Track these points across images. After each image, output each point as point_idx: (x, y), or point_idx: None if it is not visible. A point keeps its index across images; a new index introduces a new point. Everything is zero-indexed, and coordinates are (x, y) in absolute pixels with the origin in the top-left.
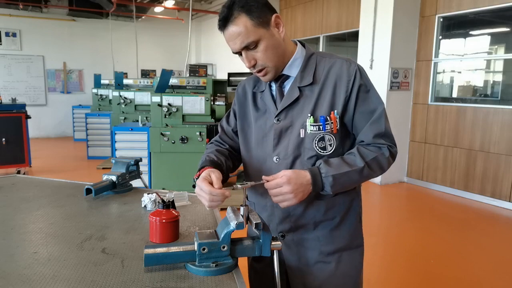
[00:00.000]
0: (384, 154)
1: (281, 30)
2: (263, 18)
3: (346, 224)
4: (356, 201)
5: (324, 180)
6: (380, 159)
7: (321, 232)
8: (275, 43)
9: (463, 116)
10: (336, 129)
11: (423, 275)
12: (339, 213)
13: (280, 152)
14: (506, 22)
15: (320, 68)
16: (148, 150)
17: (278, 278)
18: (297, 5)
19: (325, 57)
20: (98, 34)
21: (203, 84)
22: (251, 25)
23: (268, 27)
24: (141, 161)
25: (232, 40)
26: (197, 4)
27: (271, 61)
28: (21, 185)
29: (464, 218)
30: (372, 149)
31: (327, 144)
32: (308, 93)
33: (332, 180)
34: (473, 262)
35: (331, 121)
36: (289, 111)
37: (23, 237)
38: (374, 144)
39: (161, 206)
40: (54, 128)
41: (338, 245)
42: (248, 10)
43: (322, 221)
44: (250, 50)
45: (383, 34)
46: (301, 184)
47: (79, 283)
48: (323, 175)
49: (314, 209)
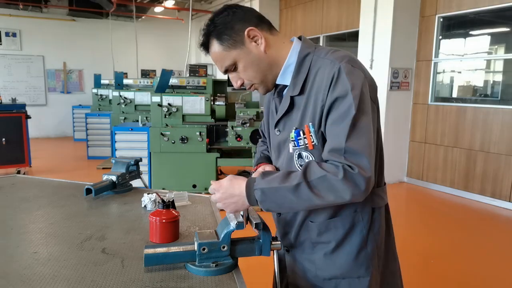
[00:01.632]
0: (337, 175)
1: (260, 42)
2: (235, 38)
3: (343, 250)
4: (360, 226)
5: (255, 193)
6: (331, 181)
7: (317, 255)
8: (254, 60)
9: (463, 116)
10: (311, 144)
11: (423, 275)
12: (335, 238)
13: (280, 167)
14: (506, 22)
15: (312, 72)
16: (148, 150)
17: (278, 278)
18: (297, 5)
19: (320, 56)
20: (98, 34)
21: (203, 84)
22: (222, 50)
23: (242, 46)
24: (141, 161)
25: (215, 63)
26: (197, 4)
27: (255, 77)
28: (21, 185)
29: (464, 218)
30: (325, 167)
31: (305, 161)
32: (298, 104)
33: (261, 194)
34: (473, 262)
35: (304, 136)
36: (286, 122)
37: (23, 237)
38: (331, 161)
39: (161, 206)
40: (54, 128)
41: (333, 272)
42: (218, 35)
43: (317, 242)
44: (232, 71)
45: (383, 34)
46: (230, 195)
47: (79, 283)
48: (254, 187)
49: (306, 230)
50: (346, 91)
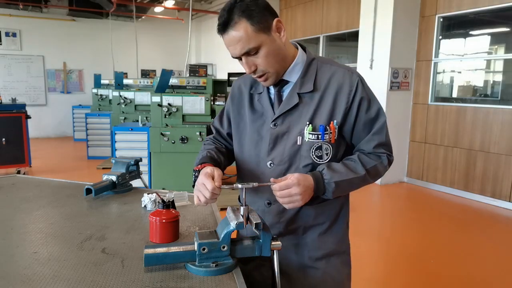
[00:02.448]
0: (383, 163)
1: (282, 35)
2: (264, 23)
3: (334, 229)
4: (345, 208)
5: (327, 186)
6: (378, 167)
7: (310, 238)
8: (276, 49)
9: (463, 116)
10: (334, 139)
11: (423, 275)
12: (329, 219)
13: (275, 157)
14: (506, 22)
15: (320, 75)
16: (148, 150)
17: (278, 278)
18: (297, 5)
19: (326, 63)
20: (98, 34)
21: (203, 84)
22: (251, 31)
23: (269, 32)
24: (141, 161)
25: (232, 45)
26: (197, 4)
27: (272, 67)
28: (21, 185)
29: (464, 218)
30: (372, 157)
31: (324, 153)
32: (307, 100)
33: (335, 186)
34: (473, 262)
35: (330, 131)
36: (286, 117)
37: (23, 237)
38: (374, 153)
39: (161, 206)
40: (54, 128)
41: (326, 250)
42: (249, 15)
43: (312, 226)
44: (251, 55)
45: (383, 34)
46: (308, 187)
47: (79, 283)
48: (326, 181)
49: (305, 214)
50: (370, 98)
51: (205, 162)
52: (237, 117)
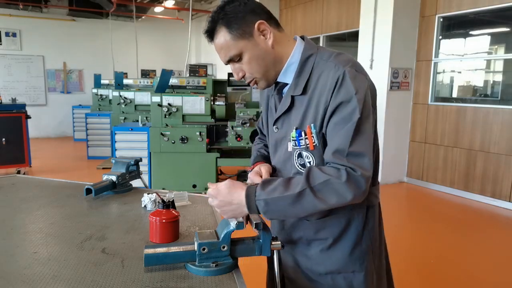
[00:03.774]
0: (341, 178)
1: (268, 37)
2: (244, 29)
3: (339, 246)
4: (356, 223)
5: (257, 204)
6: (334, 184)
7: (313, 251)
8: (261, 53)
9: (463, 116)
10: (312, 145)
11: (423, 275)
12: (332, 235)
13: (276, 163)
14: (506, 22)
15: (314, 74)
16: (148, 150)
17: (278, 278)
18: (297, 5)
19: (323, 58)
20: (98, 34)
21: (203, 84)
22: (230, 39)
23: (251, 37)
24: (141, 161)
25: (218, 52)
26: (197, 4)
27: (258, 72)
28: (21, 185)
29: (464, 218)
30: (327, 171)
31: (305, 161)
32: (299, 104)
33: (264, 205)
34: (473, 262)
35: (306, 136)
36: (284, 121)
37: (23, 237)
38: (333, 164)
39: (161, 206)
40: (54, 128)
41: (329, 268)
42: (227, 22)
43: (313, 240)
44: (236, 62)
45: (383, 34)
46: (229, 203)
47: (79, 283)
48: (256, 198)
49: (304, 227)
50: (351, 96)
51: (257, 162)
52: (265, 120)
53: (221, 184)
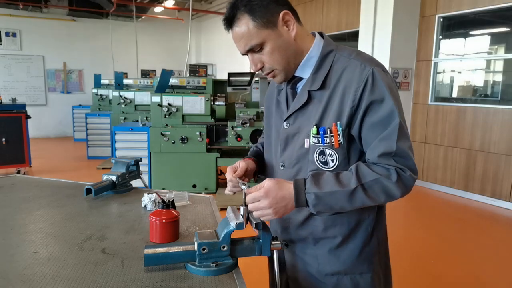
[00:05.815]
0: (391, 178)
1: (292, 28)
2: (269, 18)
3: (348, 246)
4: (366, 223)
5: (307, 197)
6: (384, 183)
7: (320, 250)
8: (283, 44)
9: (463, 116)
10: (337, 143)
11: (423, 275)
12: (341, 233)
13: (285, 159)
14: (506, 22)
15: (334, 70)
16: (148, 150)
17: (278, 278)
18: (297, 5)
19: (345, 55)
20: (98, 34)
21: (203, 84)
22: (253, 27)
23: (274, 27)
24: (141, 161)
25: (237, 42)
26: (197, 4)
27: (279, 64)
28: (21, 185)
29: (464, 218)
30: (377, 169)
31: (328, 159)
32: (317, 99)
33: (315, 198)
34: (473, 262)
35: (331, 134)
36: (298, 116)
37: (23, 237)
38: (380, 164)
39: (161, 206)
40: (54, 128)
41: (337, 268)
42: (251, 9)
43: (321, 238)
44: (256, 52)
45: (383, 34)
46: (282, 198)
47: (79, 283)
48: (306, 191)
49: (312, 225)
50: (383, 96)
51: (248, 157)
52: (267, 112)
53: (266, 182)
